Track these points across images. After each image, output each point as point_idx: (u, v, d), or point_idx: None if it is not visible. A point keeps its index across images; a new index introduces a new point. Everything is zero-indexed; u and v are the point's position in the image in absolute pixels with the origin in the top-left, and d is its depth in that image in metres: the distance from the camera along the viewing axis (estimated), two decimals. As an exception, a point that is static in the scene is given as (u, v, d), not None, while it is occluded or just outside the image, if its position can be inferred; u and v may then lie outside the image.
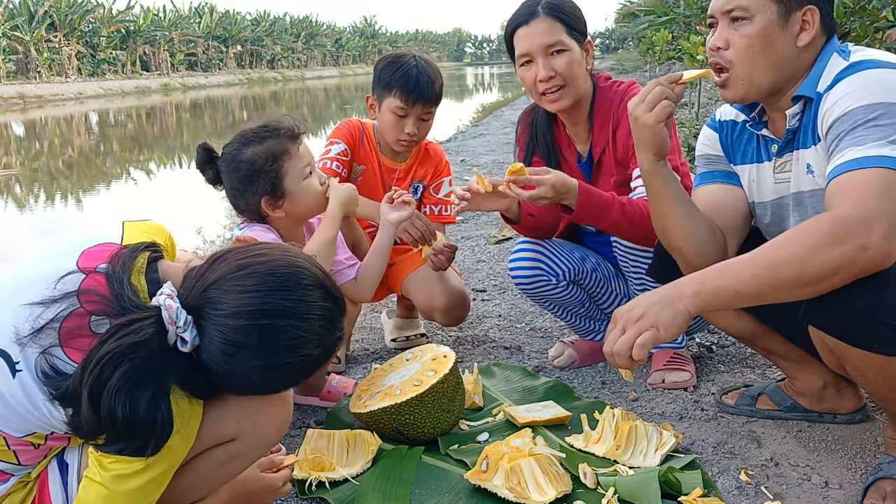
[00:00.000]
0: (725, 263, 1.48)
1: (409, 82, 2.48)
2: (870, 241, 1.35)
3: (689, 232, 1.78)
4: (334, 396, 2.28)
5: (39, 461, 1.35)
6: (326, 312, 1.32)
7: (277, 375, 1.31)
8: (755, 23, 1.62)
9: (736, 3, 1.63)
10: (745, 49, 1.64)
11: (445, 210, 2.77)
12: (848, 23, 3.45)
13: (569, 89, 2.19)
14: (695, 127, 7.21)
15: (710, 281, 1.45)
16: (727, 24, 1.66)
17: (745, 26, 1.63)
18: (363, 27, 73.31)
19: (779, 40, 1.62)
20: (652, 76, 18.27)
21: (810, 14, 1.62)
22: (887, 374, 1.51)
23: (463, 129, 12.95)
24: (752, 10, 1.62)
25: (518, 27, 2.21)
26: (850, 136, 1.46)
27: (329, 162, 2.59)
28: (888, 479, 1.61)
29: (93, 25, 34.57)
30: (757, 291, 1.43)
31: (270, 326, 1.26)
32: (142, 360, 1.19)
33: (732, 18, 1.65)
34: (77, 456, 1.36)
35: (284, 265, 1.30)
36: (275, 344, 1.26)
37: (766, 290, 1.42)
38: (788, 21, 1.62)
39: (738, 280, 1.43)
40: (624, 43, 55.73)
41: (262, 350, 1.26)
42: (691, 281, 1.46)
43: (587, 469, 1.73)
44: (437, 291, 2.57)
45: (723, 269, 1.46)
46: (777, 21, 1.61)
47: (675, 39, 11.78)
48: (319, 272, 1.34)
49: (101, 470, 1.25)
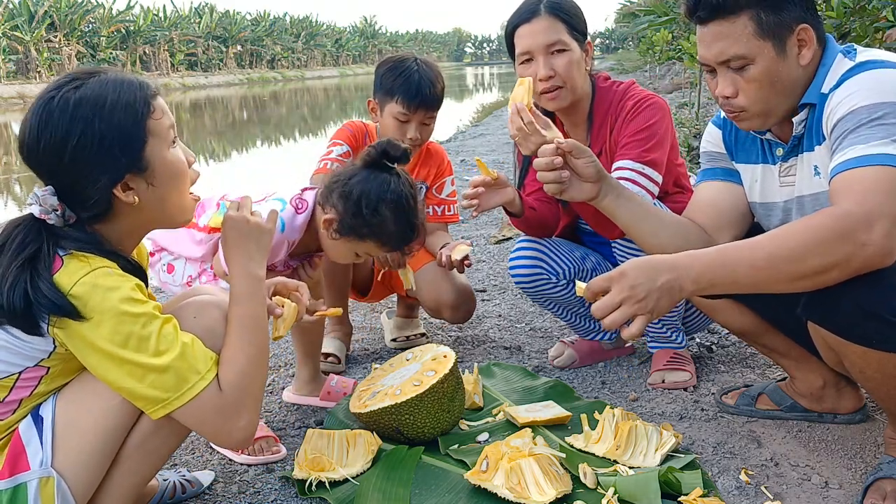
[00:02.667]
0: (725, 253, 1.47)
1: (412, 88, 2.47)
2: (870, 238, 1.35)
3: (658, 247, 1.78)
4: (334, 397, 2.28)
5: (9, 415, 1.39)
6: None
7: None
8: (758, 65, 1.60)
9: (732, 53, 1.61)
10: (755, 92, 1.62)
11: (448, 210, 2.77)
12: (848, 23, 3.45)
13: (567, 89, 2.19)
14: (695, 127, 7.21)
15: (709, 273, 1.45)
16: (727, 71, 1.64)
17: (748, 71, 1.61)
18: (363, 27, 73.31)
19: (784, 71, 1.61)
20: (652, 76, 18.28)
21: (804, 32, 1.61)
22: (886, 370, 1.51)
23: (463, 129, 12.96)
24: (749, 55, 1.60)
25: (519, 25, 2.21)
26: (854, 135, 1.47)
27: (329, 163, 2.59)
28: (888, 479, 1.61)
29: (93, 25, 34.58)
30: (754, 283, 1.45)
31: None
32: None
33: (731, 66, 1.63)
34: (51, 409, 1.39)
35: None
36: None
37: (764, 282, 1.45)
38: (786, 49, 1.60)
39: (736, 272, 1.44)
40: (624, 43, 55.74)
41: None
42: (693, 271, 1.45)
43: (587, 469, 1.73)
44: (444, 289, 2.58)
45: (723, 261, 1.45)
46: (776, 55, 1.60)
47: (675, 39, 11.78)
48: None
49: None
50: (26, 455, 1.36)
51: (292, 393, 2.35)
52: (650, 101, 2.18)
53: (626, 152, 2.14)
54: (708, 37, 1.64)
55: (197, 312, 1.48)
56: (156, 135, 1.40)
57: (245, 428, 1.45)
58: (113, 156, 1.35)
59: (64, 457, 1.36)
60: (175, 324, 1.39)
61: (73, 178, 1.36)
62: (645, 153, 2.12)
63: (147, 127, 1.39)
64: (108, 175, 1.36)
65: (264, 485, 1.86)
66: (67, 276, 1.31)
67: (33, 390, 1.40)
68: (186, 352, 1.37)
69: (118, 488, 1.45)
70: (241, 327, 1.47)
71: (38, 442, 1.37)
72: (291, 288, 1.74)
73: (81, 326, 1.30)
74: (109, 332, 1.31)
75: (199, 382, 1.38)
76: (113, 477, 1.43)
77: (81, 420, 1.38)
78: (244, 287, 1.51)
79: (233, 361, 1.44)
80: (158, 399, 1.36)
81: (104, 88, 1.36)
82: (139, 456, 1.44)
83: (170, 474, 1.82)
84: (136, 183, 1.39)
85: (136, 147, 1.38)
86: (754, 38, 1.58)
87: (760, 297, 1.87)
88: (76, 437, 1.38)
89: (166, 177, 1.43)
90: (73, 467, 1.37)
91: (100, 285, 1.32)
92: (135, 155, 1.38)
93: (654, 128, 2.15)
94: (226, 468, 1.95)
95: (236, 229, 1.54)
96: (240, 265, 1.53)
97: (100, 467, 1.40)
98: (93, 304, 1.30)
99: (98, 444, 1.39)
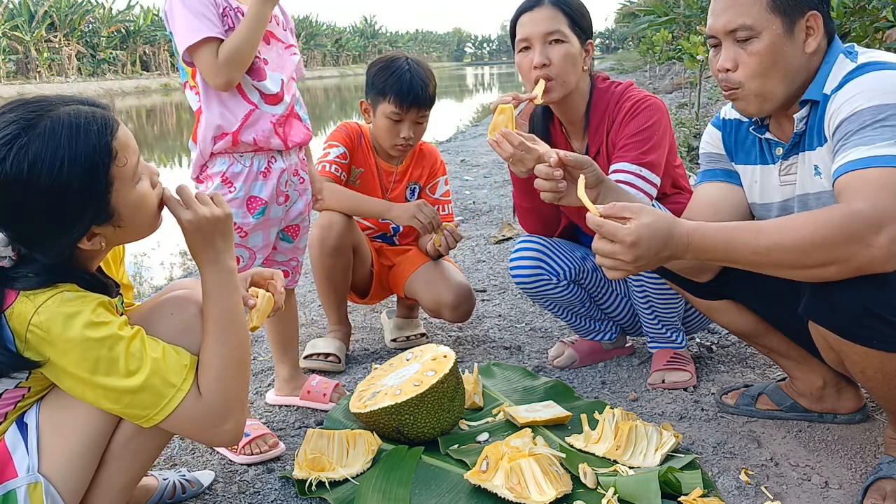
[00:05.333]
0: (730, 236, 1.45)
1: (403, 87, 2.47)
2: (877, 240, 1.35)
3: None
4: (314, 397, 2.27)
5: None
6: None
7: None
8: (763, 39, 1.60)
9: (740, 23, 1.60)
10: (755, 67, 1.61)
11: (443, 209, 2.78)
12: (848, 23, 3.45)
13: (559, 82, 2.18)
14: (695, 127, 7.21)
15: (710, 250, 1.45)
16: (732, 44, 1.64)
17: (752, 44, 1.61)
18: (363, 27, 73.36)
19: (788, 52, 1.61)
20: (652, 76, 18.28)
21: (814, 19, 1.60)
22: (887, 370, 1.51)
23: (463, 129, 12.96)
24: (757, 27, 1.59)
25: (522, 13, 2.22)
26: (858, 136, 1.46)
27: (328, 165, 2.59)
28: (888, 479, 1.61)
29: (93, 25, 34.62)
30: (752, 266, 1.47)
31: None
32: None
33: (737, 38, 1.62)
34: (35, 415, 1.38)
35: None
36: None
37: (762, 267, 1.46)
38: (794, 31, 1.60)
39: (737, 254, 1.45)
40: (624, 43, 55.74)
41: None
42: (692, 246, 1.45)
43: (587, 469, 1.73)
44: (443, 289, 2.58)
45: (726, 242, 1.45)
46: (783, 34, 1.59)
47: (675, 39, 11.80)
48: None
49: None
50: (13, 462, 1.35)
51: (274, 394, 2.35)
52: (648, 103, 2.18)
53: (624, 154, 2.14)
54: (721, 5, 1.65)
55: (174, 308, 1.45)
56: (120, 180, 1.30)
57: (232, 429, 1.44)
58: (74, 215, 1.27)
59: (50, 461, 1.36)
60: (143, 337, 1.36)
61: (32, 235, 1.29)
62: (643, 155, 2.12)
63: (110, 177, 1.29)
64: (71, 233, 1.29)
65: (264, 485, 1.86)
66: (24, 306, 1.28)
67: (17, 404, 1.39)
68: (158, 367, 1.35)
69: (108, 489, 1.44)
70: (217, 327, 1.43)
71: (24, 448, 1.36)
72: (267, 277, 1.69)
73: (49, 355, 1.29)
74: (77, 360, 1.29)
75: (177, 395, 1.36)
76: (102, 478, 1.42)
77: (65, 424, 1.38)
78: (216, 283, 1.44)
79: (210, 365, 1.41)
80: (139, 416, 1.36)
81: (58, 143, 1.23)
82: (127, 455, 1.44)
83: (170, 474, 1.82)
84: (101, 230, 1.33)
85: (100, 202, 1.29)
86: (766, 10, 1.59)
87: (761, 298, 1.88)
88: (61, 441, 1.37)
89: (133, 214, 1.35)
90: (60, 471, 1.36)
91: (59, 313, 1.28)
92: (99, 208, 1.29)
93: (651, 129, 2.15)
94: (226, 468, 1.95)
95: (199, 231, 1.42)
96: (209, 262, 1.44)
97: (87, 469, 1.39)
98: (55, 333, 1.28)
99: (83, 446, 1.38)
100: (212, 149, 1.99)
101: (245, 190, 2.03)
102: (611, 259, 1.44)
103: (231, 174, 2.01)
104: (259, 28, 1.91)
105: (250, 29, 1.90)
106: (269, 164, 2.06)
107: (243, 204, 2.03)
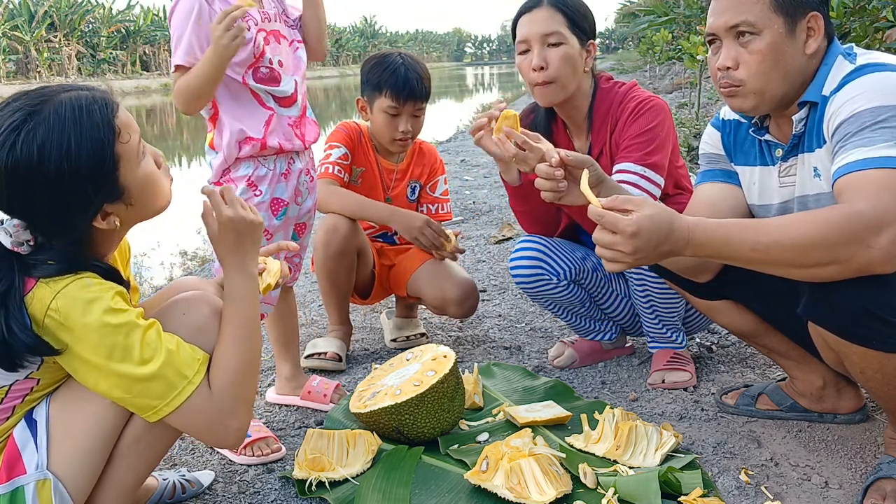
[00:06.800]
0: (730, 229, 1.46)
1: (399, 81, 2.50)
2: (878, 242, 1.35)
3: None
4: (315, 397, 2.27)
5: (3, 422, 1.39)
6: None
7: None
8: (764, 37, 1.59)
9: (741, 19, 1.60)
10: (756, 65, 1.61)
11: (442, 208, 2.80)
12: (848, 23, 3.45)
13: (557, 84, 2.18)
14: (695, 127, 7.21)
15: (709, 246, 1.45)
16: (732, 41, 1.63)
17: (753, 42, 1.60)
18: (363, 27, 73.39)
19: (788, 52, 1.60)
20: (652, 76, 18.28)
21: (815, 20, 1.60)
22: (886, 370, 1.51)
23: (463, 129, 12.94)
24: (758, 25, 1.59)
25: (522, 14, 2.23)
26: (858, 138, 1.46)
27: (331, 167, 2.60)
28: (888, 479, 1.61)
29: (93, 25, 34.64)
30: (750, 264, 1.47)
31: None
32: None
33: (738, 34, 1.62)
34: (44, 411, 1.39)
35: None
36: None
37: (761, 265, 1.46)
38: (795, 31, 1.60)
39: (736, 250, 1.44)
40: (624, 43, 55.76)
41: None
42: (692, 241, 1.45)
43: (587, 469, 1.73)
44: (447, 285, 2.59)
45: (726, 238, 1.44)
46: (785, 33, 1.59)
47: (675, 39, 11.81)
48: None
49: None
50: (22, 459, 1.36)
51: (275, 392, 2.35)
52: (652, 104, 2.18)
53: (628, 155, 2.14)
54: (723, 4, 1.64)
55: (186, 309, 1.46)
56: (125, 157, 1.34)
57: (238, 430, 1.44)
58: (86, 195, 1.31)
59: (59, 458, 1.36)
60: (158, 329, 1.38)
61: (46, 219, 1.31)
62: (647, 156, 2.12)
63: (116, 154, 1.32)
64: (84, 212, 1.32)
65: (264, 485, 1.86)
66: (44, 292, 1.29)
67: (25, 397, 1.39)
68: (172, 358, 1.36)
69: (115, 487, 1.44)
70: (236, 329, 1.45)
71: (34, 445, 1.37)
72: (272, 251, 1.74)
73: (66, 340, 1.30)
74: (93, 345, 1.30)
75: (188, 387, 1.37)
76: (109, 475, 1.43)
77: (75, 421, 1.38)
78: (240, 287, 1.48)
79: (225, 364, 1.42)
80: (149, 406, 1.36)
81: (63, 125, 1.27)
82: (134, 453, 1.44)
83: (170, 474, 1.82)
84: (113, 208, 1.37)
85: (108, 180, 1.32)
86: (768, 9, 1.58)
87: (760, 298, 1.88)
88: (70, 438, 1.38)
89: (143, 191, 1.39)
90: (69, 468, 1.36)
91: (79, 298, 1.30)
92: (109, 187, 1.33)
93: (655, 130, 2.15)
94: (226, 468, 1.95)
95: (235, 231, 1.47)
96: (236, 265, 1.49)
97: (95, 467, 1.40)
98: (74, 319, 1.29)
99: (92, 443, 1.38)
100: (237, 154, 2.02)
101: (270, 193, 2.07)
102: (611, 250, 1.44)
103: (256, 178, 2.05)
104: (213, 73, 1.89)
105: (201, 74, 1.89)
106: (289, 166, 2.11)
107: (269, 207, 2.07)
